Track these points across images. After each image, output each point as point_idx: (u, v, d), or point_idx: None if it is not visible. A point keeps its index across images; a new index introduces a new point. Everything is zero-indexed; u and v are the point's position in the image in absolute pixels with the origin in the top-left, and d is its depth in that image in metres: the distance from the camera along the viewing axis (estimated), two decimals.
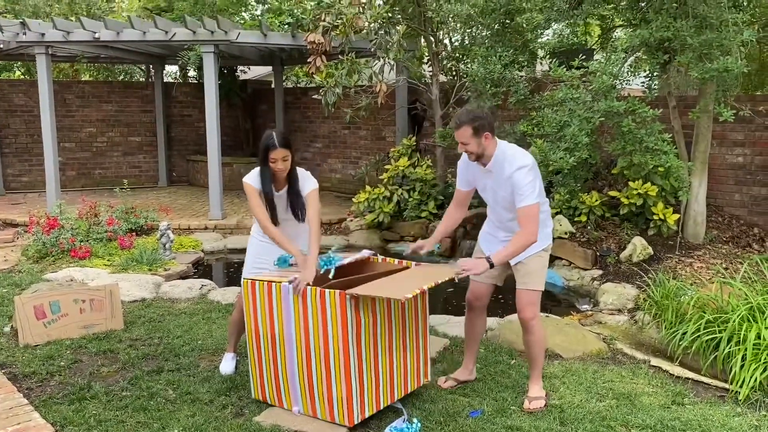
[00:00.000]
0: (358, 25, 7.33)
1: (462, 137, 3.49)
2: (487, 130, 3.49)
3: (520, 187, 3.42)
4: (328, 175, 11.60)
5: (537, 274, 3.64)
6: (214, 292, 5.80)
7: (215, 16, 8.94)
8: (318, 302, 3.30)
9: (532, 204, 3.41)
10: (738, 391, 3.82)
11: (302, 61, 10.75)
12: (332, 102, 7.55)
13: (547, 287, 6.28)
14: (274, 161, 3.64)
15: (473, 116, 3.48)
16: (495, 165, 3.54)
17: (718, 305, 4.51)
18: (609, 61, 5.66)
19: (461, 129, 3.49)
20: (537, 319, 3.68)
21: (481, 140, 3.49)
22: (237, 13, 13.04)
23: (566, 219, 6.64)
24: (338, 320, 3.24)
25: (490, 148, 3.53)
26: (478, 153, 3.52)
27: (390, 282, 3.45)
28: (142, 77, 14.95)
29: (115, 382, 3.98)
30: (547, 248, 3.71)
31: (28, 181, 11.64)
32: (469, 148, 3.51)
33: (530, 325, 3.66)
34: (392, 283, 3.43)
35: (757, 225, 6.75)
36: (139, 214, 8.02)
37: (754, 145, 6.76)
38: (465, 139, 3.49)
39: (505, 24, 7.09)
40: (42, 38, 8.52)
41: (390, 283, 3.42)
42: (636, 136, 5.71)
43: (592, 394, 3.83)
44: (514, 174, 3.43)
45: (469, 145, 3.50)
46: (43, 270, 6.45)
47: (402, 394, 3.62)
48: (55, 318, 4.64)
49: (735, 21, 5.44)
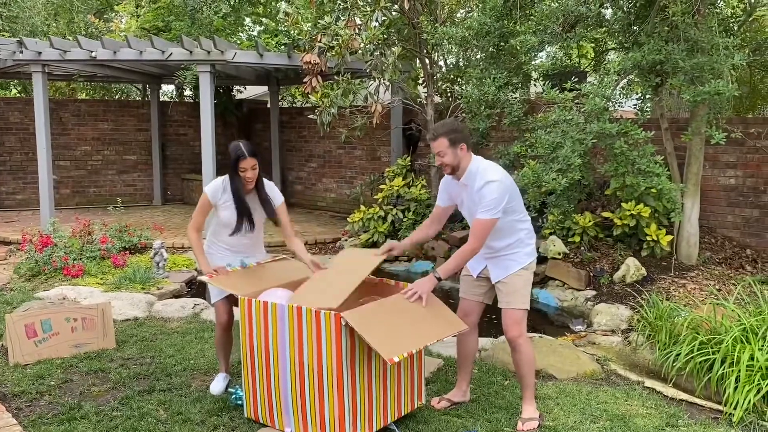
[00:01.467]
0: (354, 47, 7.39)
1: (438, 148, 3.56)
2: (463, 141, 3.56)
3: (484, 200, 3.46)
4: (323, 194, 11.62)
5: (520, 293, 3.64)
6: (207, 312, 5.77)
7: (212, 36, 9.00)
8: (313, 323, 3.28)
9: (487, 219, 3.45)
10: (732, 413, 3.81)
11: (298, 81, 10.83)
12: (327, 122, 7.59)
13: (540, 307, 6.37)
14: (243, 170, 3.79)
15: (450, 128, 3.57)
16: (468, 178, 3.58)
17: (712, 327, 4.51)
18: (602, 84, 5.72)
19: (438, 140, 3.56)
20: (523, 338, 3.67)
21: (457, 152, 3.55)
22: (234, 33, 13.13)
23: (560, 240, 6.67)
24: (333, 341, 3.22)
25: (465, 161, 3.58)
26: (453, 165, 3.57)
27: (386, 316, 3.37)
28: (138, 96, 15.01)
29: (106, 402, 3.95)
30: (528, 266, 3.69)
31: (22, 198, 11.61)
32: (445, 159, 3.56)
33: (517, 343, 3.66)
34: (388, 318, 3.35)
35: (749, 246, 6.78)
36: (133, 233, 8.00)
37: (746, 167, 6.81)
38: (441, 149, 3.55)
39: (499, 46, 7.16)
40: (38, 57, 8.56)
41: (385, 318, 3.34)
42: (628, 158, 5.75)
43: (586, 415, 3.82)
44: (483, 187, 3.48)
45: (445, 157, 3.55)
46: (35, 288, 6.41)
47: (395, 417, 3.60)
48: (46, 337, 4.61)
49: (726, 45, 5.51)
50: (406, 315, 3.44)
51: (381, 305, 3.46)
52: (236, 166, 3.77)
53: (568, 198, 6.42)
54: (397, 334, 3.27)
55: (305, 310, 3.31)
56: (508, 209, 3.55)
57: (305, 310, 3.31)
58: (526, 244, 3.68)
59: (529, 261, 3.68)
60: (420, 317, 3.45)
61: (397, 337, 3.24)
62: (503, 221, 3.55)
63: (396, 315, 3.41)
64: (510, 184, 3.57)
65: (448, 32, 7.01)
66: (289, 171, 12.21)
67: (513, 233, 3.64)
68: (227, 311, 4.08)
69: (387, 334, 3.22)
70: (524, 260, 3.66)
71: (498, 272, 3.69)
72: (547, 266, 6.59)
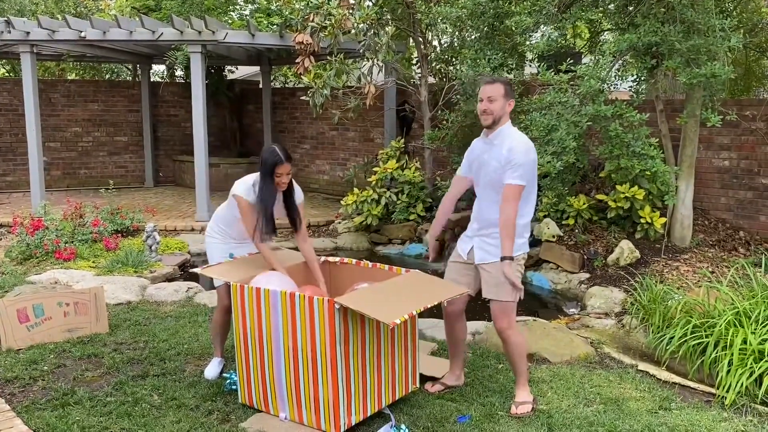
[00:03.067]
0: (347, 26, 7.31)
1: (492, 92, 3.48)
2: (513, 98, 3.54)
3: (514, 162, 3.40)
4: (316, 176, 11.56)
5: (506, 284, 3.53)
6: (201, 295, 5.75)
7: (203, 16, 8.88)
8: (306, 309, 3.27)
9: (516, 185, 3.41)
10: (724, 396, 3.83)
11: (290, 61, 10.72)
12: (320, 103, 7.52)
13: (534, 290, 6.38)
14: (279, 176, 3.70)
15: (509, 81, 3.55)
16: (498, 137, 3.53)
17: (705, 310, 4.53)
18: (597, 65, 5.68)
19: (495, 85, 3.51)
20: (512, 330, 3.63)
21: (506, 105, 3.51)
22: (225, 13, 12.95)
23: (554, 222, 6.66)
24: (326, 327, 3.21)
25: (505, 118, 3.54)
26: (497, 115, 3.50)
27: (380, 294, 3.39)
28: (128, 76, 14.83)
29: (100, 387, 3.93)
30: (517, 257, 3.56)
31: (12, 180, 11.51)
32: (493, 106, 3.48)
33: (506, 335, 3.63)
34: (383, 295, 3.37)
35: (742, 228, 6.80)
36: (125, 215, 7.94)
37: (740, 149, 6.81)
38: (494, 95, 3.48)
39: (494, 26, 7.10)
40: (27, 37, 8.42)
41: (380, 296, 3.35)
42: (623, 141, 5.73)
43: (579, 399, 3.84)
44: (515, 147, 3.43)
45: (494, 103, 3.48)
46: (27, 272, 6.37)
47: (390, 401, 3.60)
48: (38, 321, 4.58)
49: (722, 27, 5.47)
50: (401, 292, 3.44)
51: (374, 288, 3.47)
52: (272, 172, 3.68)
53: (563, 181, 6.40)
54: (394, 304, 3.26)
55: (298, 296, 3.29)
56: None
57: (298, 296, 3.29)
58: (517, 235, 3.57)
59: (518, 253, 3.57)
60: (415, 290, 3.46)
61: (394, 306, 3.23)
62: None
63: (390, 293, 3.42)
64: (534, 160, 3.52)
65: (442, 12, 6.94)
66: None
67: None
68: (228, 296, 4.06)
69: (383, 305, 3.22)
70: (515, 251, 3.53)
71: (481, 254, 3.63)
72: (541, 249, 6.60)
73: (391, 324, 3.04)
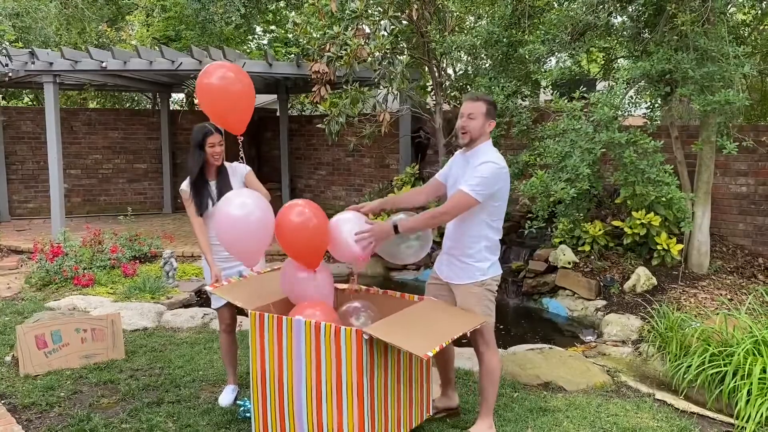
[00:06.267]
0: (362, 56, 7.41)
1: (473, 110, 3.46)
2: (494, 119, 3.51)
3: (476, 173, 3.36)
4: (332, 202, 11.63)
5: (477, 305, 3.49)
6: (216, 321, 5.77)
7: (221, 46, 9.05)
8: (332, 339, 3.21)
9: (468, 194, 3.35)
10: (744, 426, 3.77)
11: (307, 89, 10.86)
12: (336, 131, 7.60)
13: (551, 317, 6.34)
14: (212, 145, 3.96)
15: (491, 101, 3.52)
16: (475, 155, 3.48)
17: (723, 338, 4.47)
18: (611, 93, 5.69)
19: (477, 102, 3.48)
20: (490, 353, 3.59)
21: (485, 124, 3.48)
22: (244, 42, 13.20)
23: (569, 249, 6.63)
24: (353, 357, 3.16)
25: (483, 138, 3.50)
26: (475, 134, 3.47)
27: (405, 324, 3.34)
28: (148, 105, 15.10)
29: (115, 413, 3.96)
30: (486, 282, 3.53)
31: (33, 207, 11.70)
32: (472, 124, 3.45)
33: (482, 357, 3.61)
34: (408, 325, 3.33)
35: (761, 255, 6.72)
36: (143, 242, 8.04)
37: (757, 174, 6.76)
38: (475, 112, 3.45)
39: (507, 54, 7.16)
40: (50, 67, 8.63)
41: (405, 326, 3.31)
42: (638, 168, 5.72)
43: (596, 428, 3.79)
44: (482, 165, 3.38)
45: (474, 120, 3.45)
46: (46, 298, 6.45)
47: (408, 430, 3.56)
48: (56, 347, 4.63)
49: (736, 54, 5.48)
50: (422, 321, 3.43)
51: (397, 317, 3.44)
52: (203, 143, 3.93)
53: (578, 207, 6.39)
54: (421, 335, 3.24)
55: (324, 326, 3.24)
56: (489, 202, 3.42)
57: (324, 325, 3.24)
58: (484, 258, 3.51)
59: (481, 278, 3.52)
60: (436, 319, 3.45)
61: (422, 337, 3.21)
62: (477, 215, 3.44)
63: (413, 322, 3.40)
64: (505, 177, 3.47)
65: (456, 41, 7.02)
66: (298, 179, 12.24)
67: (477, 236, 3.48)
68: (231, 315, 4.18)
69: (411, 337, 3.20)
70: (475, 275, 3.51)
71: (448, 273, 3.62)
72: (557, 275, 6.56)
73: (425, 356, 3.01)
